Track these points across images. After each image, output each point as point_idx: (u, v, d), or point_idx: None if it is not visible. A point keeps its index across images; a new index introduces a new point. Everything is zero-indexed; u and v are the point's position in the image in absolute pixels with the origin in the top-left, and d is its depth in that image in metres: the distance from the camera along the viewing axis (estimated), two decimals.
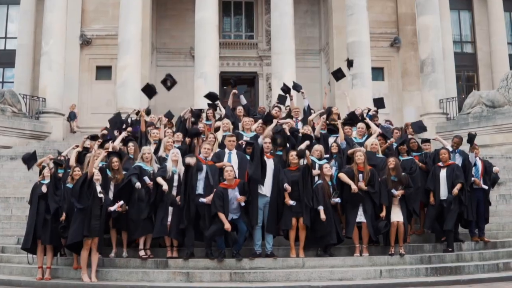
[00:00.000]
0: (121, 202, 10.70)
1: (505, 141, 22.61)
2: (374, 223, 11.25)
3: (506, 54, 31.78)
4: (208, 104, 15.41)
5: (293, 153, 11.45)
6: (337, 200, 11.23)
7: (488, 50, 32.20)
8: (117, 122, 15.46)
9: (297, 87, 15.95)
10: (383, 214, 11.21)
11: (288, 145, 12.33)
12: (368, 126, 13.81)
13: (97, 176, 10.53)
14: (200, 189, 10.93)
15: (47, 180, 11.10)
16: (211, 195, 10.68)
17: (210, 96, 15.18)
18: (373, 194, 11.28)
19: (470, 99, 24.84)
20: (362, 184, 11.25)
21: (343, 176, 11.38)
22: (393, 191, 11.36)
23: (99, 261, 10.68)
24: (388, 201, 11.30)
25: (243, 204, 10.69)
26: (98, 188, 10.42)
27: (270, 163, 11.21)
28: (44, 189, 10.94)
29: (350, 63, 17.53)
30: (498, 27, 31.97)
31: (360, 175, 11.35)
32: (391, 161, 11.63)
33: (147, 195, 11.07)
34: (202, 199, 10.73)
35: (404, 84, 29.84)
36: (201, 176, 10.94)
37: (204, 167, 11.04)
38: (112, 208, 10.56)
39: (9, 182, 18.38)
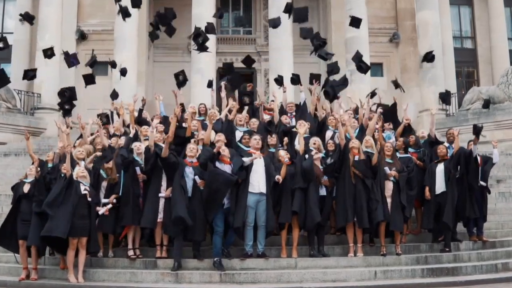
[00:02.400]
0: (109, 206, 10.46)
1: (505, 138, 22.31)
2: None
3: (507, 50, 31.49)
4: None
5: (281, 152, 11.22)
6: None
7: (488, 45, 31.90)
8: None
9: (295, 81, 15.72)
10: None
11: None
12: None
13: (82, 173, 10.28)
14: (190, 193, 10.59)
15: (29, 179, 10.80)
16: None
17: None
18: (366, 180, 10.98)
19: (470, 95, 24.60)
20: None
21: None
22: (386, 168, 11.12)
23: (87, 261, 10.42)
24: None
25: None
26: (83, 187, 10.16)
27: (261, 161, 10.89)
28: (26, 189, 10.63)
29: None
30: (498, 23, 31.69)
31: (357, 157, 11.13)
32: (388, 146, 11.42)
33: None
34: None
35: (403, 80, 29.38)
36: (189, 182, 10.61)
37: (191, 169, 10.73)
38: (100, 212, 10.34)
39: (2, 179, 18.13)
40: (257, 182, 10.63)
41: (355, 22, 15.53)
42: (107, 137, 12.94)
